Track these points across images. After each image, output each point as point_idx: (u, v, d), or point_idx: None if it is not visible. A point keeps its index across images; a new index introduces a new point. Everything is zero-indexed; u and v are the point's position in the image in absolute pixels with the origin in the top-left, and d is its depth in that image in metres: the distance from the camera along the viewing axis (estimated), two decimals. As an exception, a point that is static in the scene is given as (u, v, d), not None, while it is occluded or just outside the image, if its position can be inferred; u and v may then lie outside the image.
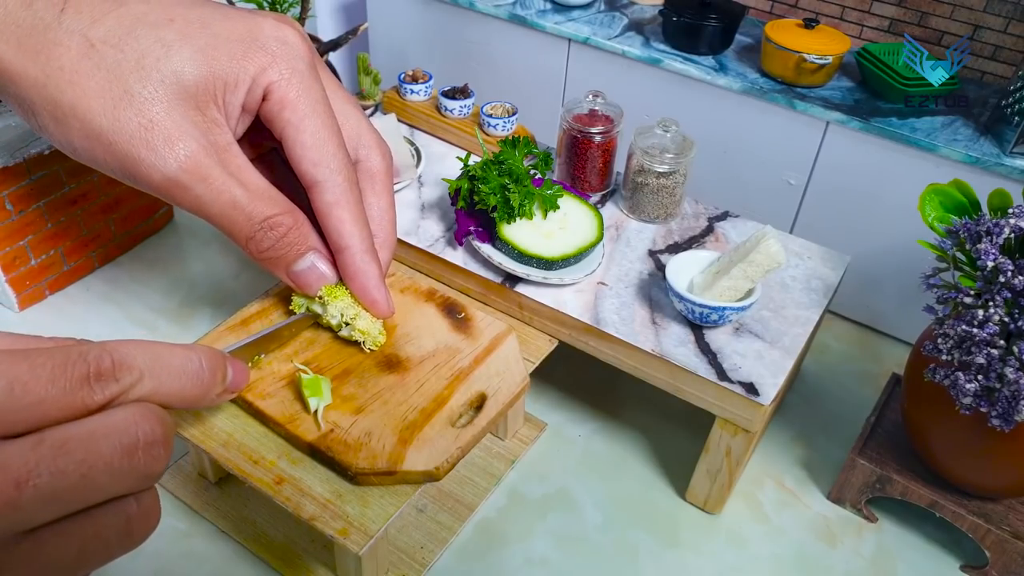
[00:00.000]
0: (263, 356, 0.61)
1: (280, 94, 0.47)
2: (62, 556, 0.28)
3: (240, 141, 0.51)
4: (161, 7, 0.44)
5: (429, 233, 0.79)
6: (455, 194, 0.75)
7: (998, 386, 0.58)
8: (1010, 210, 0.61)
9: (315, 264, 0.55)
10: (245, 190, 0.47)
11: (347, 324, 0.60)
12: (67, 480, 0.28)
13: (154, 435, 0.31)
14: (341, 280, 0.59)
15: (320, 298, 0.59)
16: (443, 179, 0.82)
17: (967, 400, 0.59)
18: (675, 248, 0.80)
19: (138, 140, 0.43)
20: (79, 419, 0.29)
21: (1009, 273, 0.57)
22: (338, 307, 0.60)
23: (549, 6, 1.33)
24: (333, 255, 0.56)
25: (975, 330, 0.58)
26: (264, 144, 0.56)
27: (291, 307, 0.62)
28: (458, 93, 0.94)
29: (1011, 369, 0.56)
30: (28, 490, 0.26)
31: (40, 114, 0.43)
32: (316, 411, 0.57)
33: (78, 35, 0.42)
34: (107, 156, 0.44)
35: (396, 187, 0.84)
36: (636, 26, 1.29)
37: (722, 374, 0.66)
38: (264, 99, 0.47)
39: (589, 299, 0.72)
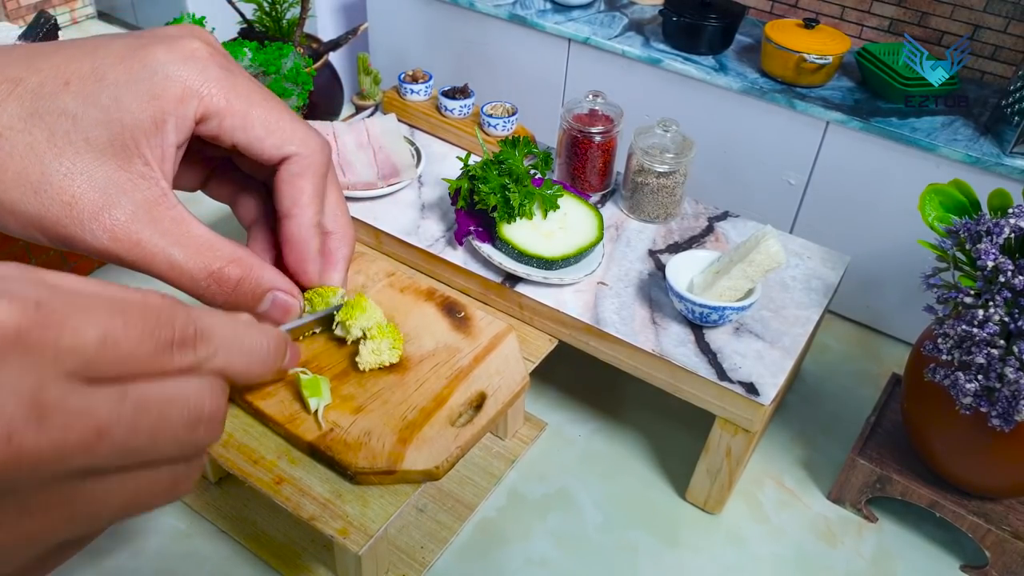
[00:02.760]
0: (316, 332, 0.61)
1: (212, 108, 0.46)
2: (112, 501, 0.30)
3: (186, 166, 0.50)
4: (54, 72, 0.43)
5: (429, 233, 0.79)
6: (455, 194, 0.75)
7: (998, 386, 0.58)
8: (1010, 210, 0.61)
9: (276, 301, 0.53)
10: (182, 248, 0.46)
11: (366, 340, 0.60)
12: (139, 439, 0.30)
13: (218, 411, 0.33)
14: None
15: (341, 323, 0.60)
16: (443, 179, 0.82)
17: (967, 400, 0.59)
18: (675, 248, 0.80)
19: (66, 219, 0.42)
20: (155, 379, 0.31)
21: (1009, 273, 0.57)
22: (358, 325, 0.60)
23: (549, 6, 1.33)
24: (279, 226, 0.54)
25: (975, 330, 0.58)
26: (215, 153, 0.54)
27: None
28: (458, 93, 0.94)
29: (1011, 369, 0.56)
30: (106, 439, 0.28)
31: None
32: (316, 411, 0.57)
33: None
34: (44, 237, 0.44)
35: (396, 187, 0.84)
36: (636, 26, 1.29)
37: (722, 374, 0.66)
38: (199, 123, 0.46)
39: (589, 299, 0.72)
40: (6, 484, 0.26)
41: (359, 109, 1.38)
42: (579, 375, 0.84)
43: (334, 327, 0.60)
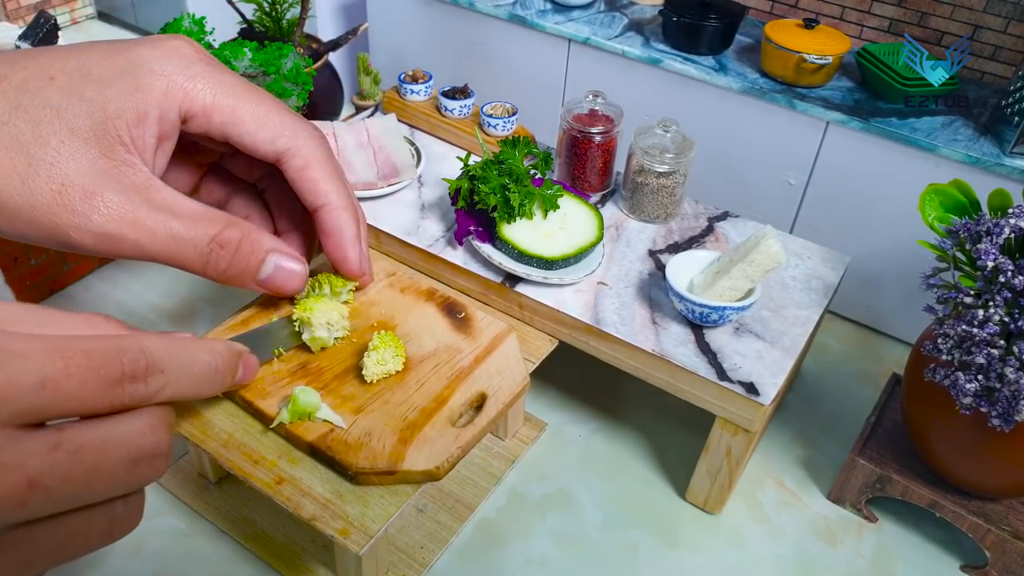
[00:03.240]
0: (284, 351, 0.61)
1: (199, 105, 0.45)
2: (44, 548, 0.29)
3: (177, 168, 0.49)
4: (40, 69, 0.42)
5: (429, 233, 0.79)
6: (455, 194, 0.75)
7: (998, 386, 0.58)
8: (1010, 210, 0.61)
9: (280, 264, 0.52)
10: (180, 220, 0.45)
11: (369, 352, 0.60)
12: (74, 486, 0.29)
13: (160, 447, 0.32)
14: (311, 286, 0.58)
15: (298, 320, 0.59)
16: (443, 179, 0.82)
17: (967, 400, 0.59)
18: (675, 248, 0.80)
19: (57, 207, 0.41)
20: (94, 421, 0.30)
21: (1009, 273, 0.57)
22: (321, 319, 0.59)
23: (549, 6, 1.33)
24: (312, 217, 0.54)
25: (975, 330, 0.58)
26: (204, 159, 0.54)
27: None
28: (458, 93, 0.94)
29: (1011, 369, 0.56)
30: (38, 491, 0.27)
31: None
32: (324, 419, 0.58)
33: None
34: (33, 231, 0.42)
35: (396, 187, 0.84)
36: (636, 26, 1.29)
37: (722, 374, 0.66)
38: (185, 121, 0.46)
39: (589, 299, 0.72)
40: None
41: (359, 109, 1.38)
42: (579, 375, 0.85)
43: (298, 329, 0.60)
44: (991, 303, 0.58)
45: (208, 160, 0.55)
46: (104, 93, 0.43)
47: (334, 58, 1.22)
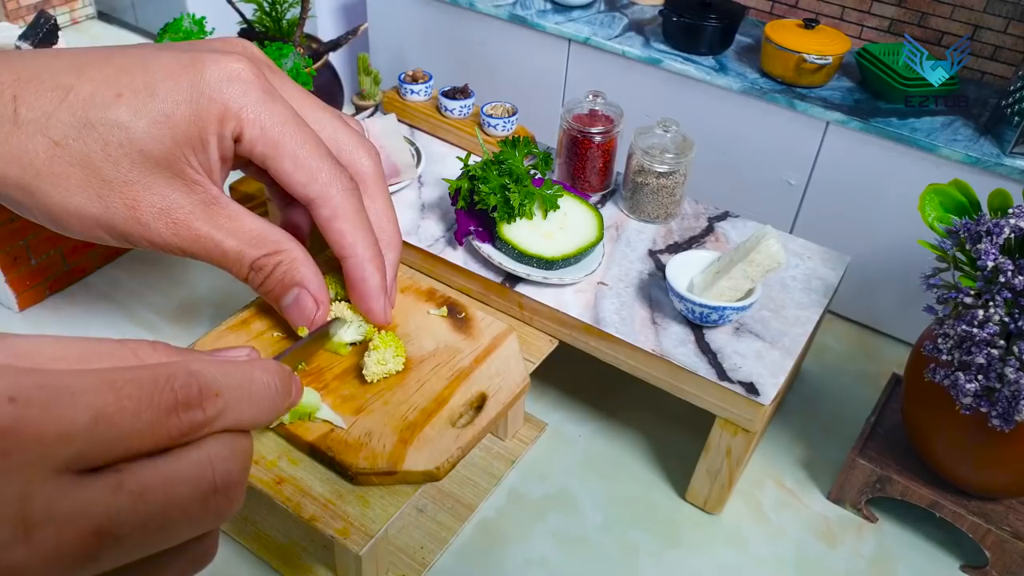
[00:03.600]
0: (304, 365, 0.61)
1: (248, 134, 0.48)
2: None
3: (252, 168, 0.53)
4: (106, 83, 0.44)
5: (429, 233, 0.79)
6: (455, 194, 0.75)
7: (998, 386, 0.58)
8: (1010, 210, 0.61)
9: (298, 299, 0.56)
10: (235, 239, 0.50)
11: (370, 352, 0.61)
12: (144, 532, 0.26)
13: (231, 476, 0.29)
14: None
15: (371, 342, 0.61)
16: (443, 179, 0.82)
17: (967, 400, 0.59)
18: (675, 248, 0.80)
19: (131, 220, 0.46)
20: (158, 451, 0.27)
21: (1009, 273, 0.57)
22: (378, 354, 0.60)
23: (549, 6, 1.33)
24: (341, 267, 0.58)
25: (975, 330, 0.58)
26: None
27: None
28: (458, 93, 0.94)
29: (1011, 369, 0.56)
30: (107, 540, 0.25)
31: (37, 216, 0.47)
32: (324, 420, 0.58)
33: (40, 136, 0.43)
34: (109, 235, 0.48)
35: (396, 187, 0.84)
36: (636, 26, 1.29)
37: (722, 374, 0.66)
38: (237, 142, 0.49)
39: (589, 299, 0.72)
40: None
41: (359, 109, 1.38)
42: (579, 375, 0.85)
43: (332, 337, 0.61)
44: (991, 303, 0.58)
45: None
46: (170, 116, 0.45)
47: (334, 58, 1.22)
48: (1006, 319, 0.57)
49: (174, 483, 0.27)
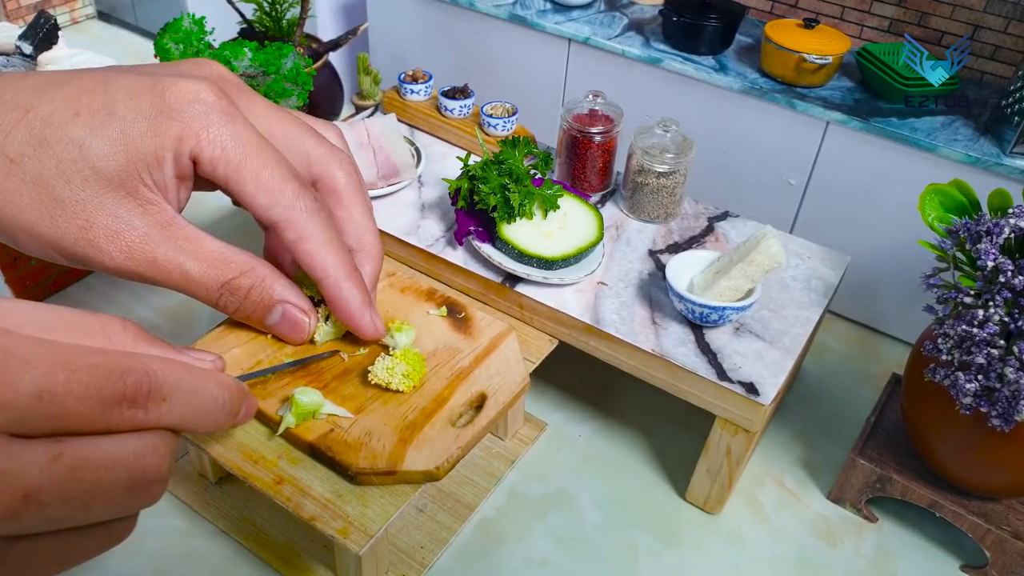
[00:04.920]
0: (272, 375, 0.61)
1: (207, 155, 0.47)
2: (35, 561, 0.29)
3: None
4: (65, 102, 0.44)
5: (429, 233, 0.79)
6: (455, 194, 0.75)
7: (998, 386, 0.58)
8: (1010, 210, 0.61)
9: (286, 315, 0.55)
10: (197, 261, 0.48)
11: (384, 355, 0.60)
12: (69, 506, 0.28)
13: (158, 472, 0.31)
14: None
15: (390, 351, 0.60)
16: (443, 179, 0.82)
17: (967, 400, 0.59)
18: (675, 248, 0.80)
19: (83, 242, 0.44)
20: (95, 439, 0.29)
21: (1009, 273, 0.57)
22: (391, 367, 0.60)
23: (549, 6, 1.33)
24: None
25: (975, 330, 0.58)
26: None
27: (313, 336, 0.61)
28: (458, 93, 0.94)
29: (1011, 369, 0.56)
30: (32, 506, 0.26)
31: None
32: (330, 414, 0.58)
33: None
34: (62, 256, 0.45)
35: (396, 187, 0.84)
36: (636, 26, 1.29)
37: (722, 374, 0.66)
38: (196, 164, 0.47)
39: (589, 299, 0.72)
40: None
41: (359, 109, 1.38)
42: (579, 375, 0.85)
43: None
44: (991, 303, 0.58)
45: None
46: (126, 134, 0.44)
47: (334, 58, 1.23)
48: (1006, 319, 0.57)
49: (107, 466, 0.29)
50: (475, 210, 0.74)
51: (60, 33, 1.04)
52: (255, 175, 0.48)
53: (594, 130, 0.82)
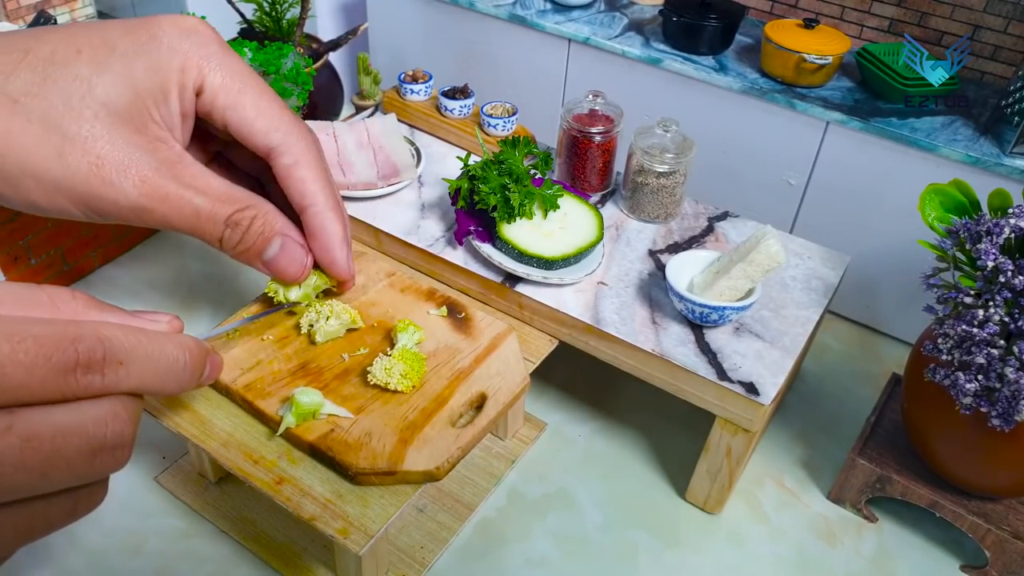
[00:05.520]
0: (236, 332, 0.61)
1: (209, 84, 0.47)
2: (4, 532, 0.29)
3: (190, 149, 0.51)
4: (64, 42, 0.43)
5: (429, 233, 0.79)
6: (455, 194, 0.75)
7: (998, 386, 0.58)
8: (1010, 210, 0.61)
9: (285, 246, 0.54)
10: (205, 197, 0.48)
11: (382, 355, 0.60)
12: (27, 475, 0.28)
13: (121, 438, 0.31)
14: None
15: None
16: (443, 179, 0.82)
17: (967, 400, 0.59)
18: (675, 248, 0.80)
19: (94, 179, 0.43)
20: (50, 408, 0.29)
21: (1009, 273, 0.57)
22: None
23: (549, 6, 1.33)
24: (302, 222, 0.55)
25: (975, 330, 0.58)
26: (212, 147, 0.56)
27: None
28: (458, 93, 0.94)
29: (1011, 369, 0.56)
30: None
31: None
32: (330, 414, 0.58)
33: None
34: (70, 202, 0.44)
35: (396, 187, 0.84)
36: (636, 26, 1.29)
37: (722, 374, 0.66)
38: (198, 95, 0.47)
39: (589, 299, 0.72)
40: None
41: (359, 109, 1.38)
42: (579, 375, 0.85)
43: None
44: (991, 303, 0.58)
45: (215, 148, 0.56)
46: (131, 68, 0.44)
47: (334, 58, 1.22)
48: (1006, 319, 0.57)
49: (64, 434, 0.29)
50: (475, 210, 0.75)
51: (60, 33, 1.04)
52: (255, 101, 0.49)
53: (594, 130, 0.82)
